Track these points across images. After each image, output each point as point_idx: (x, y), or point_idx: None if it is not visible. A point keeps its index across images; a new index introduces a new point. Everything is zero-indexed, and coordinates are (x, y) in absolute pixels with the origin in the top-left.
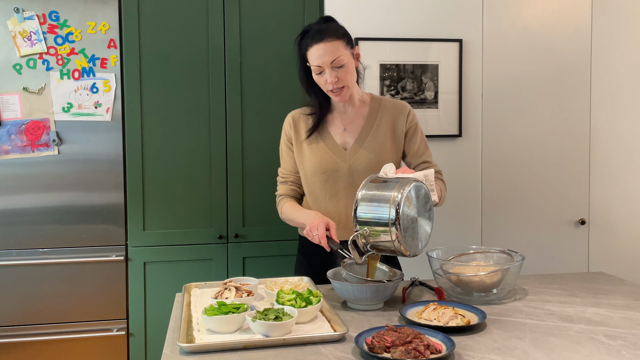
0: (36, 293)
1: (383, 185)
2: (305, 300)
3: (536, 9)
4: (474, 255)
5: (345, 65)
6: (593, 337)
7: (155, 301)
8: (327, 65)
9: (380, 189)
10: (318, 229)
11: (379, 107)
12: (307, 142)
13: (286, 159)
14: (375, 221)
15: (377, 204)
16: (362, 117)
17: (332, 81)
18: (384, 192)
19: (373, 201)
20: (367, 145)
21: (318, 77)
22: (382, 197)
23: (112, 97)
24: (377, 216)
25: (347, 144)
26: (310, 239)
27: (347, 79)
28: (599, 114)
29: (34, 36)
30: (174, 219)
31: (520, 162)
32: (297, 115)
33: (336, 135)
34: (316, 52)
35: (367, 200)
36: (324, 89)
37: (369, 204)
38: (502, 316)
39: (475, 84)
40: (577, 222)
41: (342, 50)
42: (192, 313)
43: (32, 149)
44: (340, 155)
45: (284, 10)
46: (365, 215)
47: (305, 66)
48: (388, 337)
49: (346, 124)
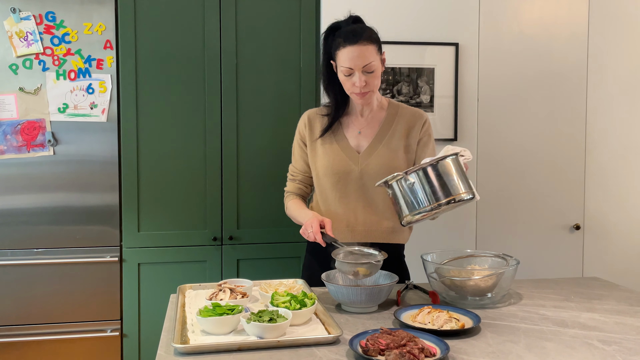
0: (30, 293)
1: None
2: (300, 302)
3: (533, 13)
4: (468, 259)
5: (375, 71)
6: (587, 342)
7: (149, 302)
8: (358, 69)
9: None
10: (312, 226)
11: (395, 114)
12: (321, 142)
13: (297, 157)
14: (442, 186)
15: (456, 176)
16: (378, 122)
17: (360, 85)
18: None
19: (454, 173)
20: (380, 150)
21: (346, 78)
22: (463, 176)
23: (107, 98)
24: (449, 184)
25: (360, 147)
26: (306, 236)
27: (374, 84)
28: (595, 119)
29: (31, 36)
30: (169, 220)
31: (515, 166)
32: (313, 115)
33: (351, 138)
34: (349, 54)
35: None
36: (349, 91)
37: (451, 171)
38: (497, 320)
39: (471, 88)
40: (572, 227)
41: (374, 56)
42: (186, 314)
43: (28, 149)
44: (352, 158)
45: (280, 13)
46: (442, 173)
47: (329, 63)
48: (382, 340)
49: (362, 127)
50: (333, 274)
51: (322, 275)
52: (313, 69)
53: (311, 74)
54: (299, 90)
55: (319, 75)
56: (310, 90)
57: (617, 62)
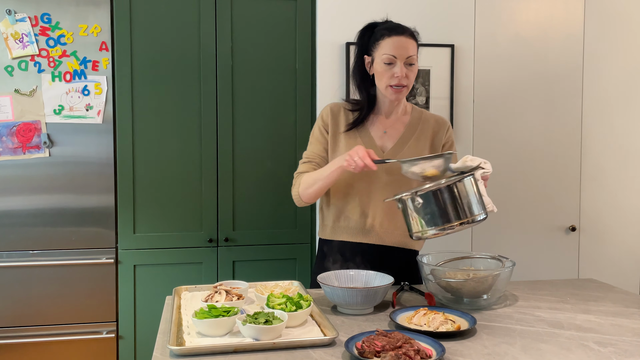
0: (26, 295)
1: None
2: (296, 304)
3: (528, 14)
4: (464, 261)
5: (415, 66)
6: (583, 343)
7: (145, 304)
8: (402, 58)
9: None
10: (358, 153)
11: (420, 118)
12: (345, 136)
13: (316, 143)
14: (454, 208)
15: (470, 197)
16: (403, 125)
17: (401, 75)
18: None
19: (468, 195)
20: (405, 152)
21: (385, 68)
22: (478, 195)
23: (103, 100)
24: (463, 205)
25: (385, 147)
26: (352, 168)
27: (411, 79)
28: (591, 121)
29: (26, 38)
30: (165, 222)
31: (511, 168)
32: (337, 108)
33: (376, 137)
34: (396, 42)
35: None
36: (386, 83)
37: (466, 192)
38: (493, 322)
39: (466, 90)
40: (568, 228)
41: (415, 52)
42: (182, 316)
43: (23, 150)
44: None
45: (276, 14)
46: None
47: (362, 60)
48: (378, 341)
49: (387, 127)
50: (329, 275)
51: (318, 277)
52: (309, 70)
53: (307, 75)
54: (295, 91)
55: (314, 77)
56: (306, 92)
57: (613, 63)
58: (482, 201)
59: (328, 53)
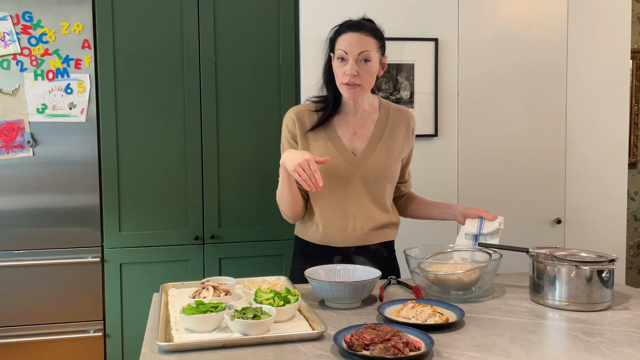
0: (12, 295)
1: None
2: (284, 299)
3: (512, 7)
4: (451, 254)
5: (370, 63)
6: (571, 334)
7: (131, 302)
8: (352, 55)
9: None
10: (310, 165)
11: (388, 114)
12: (313, 138)
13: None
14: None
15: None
16: (373, 123)
17: (350, 73)
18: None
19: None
20: (378, 152)
21: (338, 63)
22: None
23: (86, 98)
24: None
25: (356, 150)
26: (303, 180)
27: (366, 78)
28: (575, 113)
29: (8, 37)
30: (150, 220)
31: (496, 161)
32: (301, 111)
33: (345, 138)
34: (348, 39)
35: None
36: (339, 81)
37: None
38: (481, 314)
39: (451, 84)
40: (553, 221)
41: (373, 49)
42: (170, 313)
43: (7, 150)
44: (351, 162)
45: (258, 11)
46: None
47: (330, 57)
48: (367, 334)
49: (356, 128)
50: (316, 270)
51: (305, 272)
52: (292, 67)
53: (291, 72)
54: (279, 88)
55: (298, 73)
56: (290, 88)
57: (597, 56)
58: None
59: (311, 48)
